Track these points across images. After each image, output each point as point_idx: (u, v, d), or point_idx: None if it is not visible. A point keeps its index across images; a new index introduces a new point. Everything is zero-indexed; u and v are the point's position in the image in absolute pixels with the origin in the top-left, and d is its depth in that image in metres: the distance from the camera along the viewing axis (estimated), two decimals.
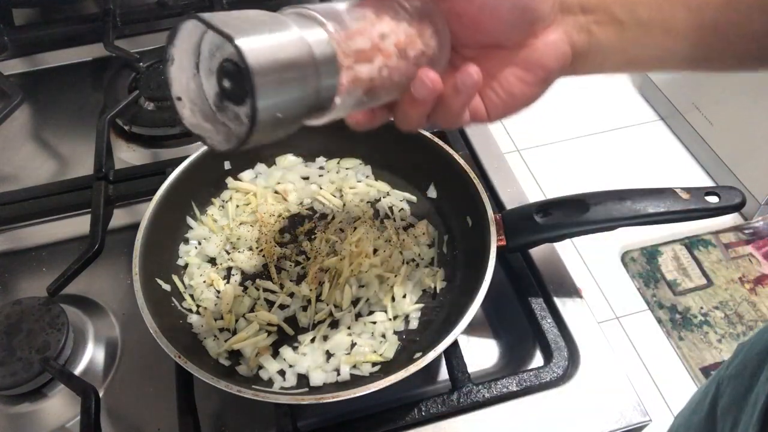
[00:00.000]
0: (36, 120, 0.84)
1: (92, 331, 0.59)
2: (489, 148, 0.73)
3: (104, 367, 0.58)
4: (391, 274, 0.60)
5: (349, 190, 0.68)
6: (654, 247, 1.75)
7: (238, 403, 0.54)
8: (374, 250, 0.62)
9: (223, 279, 0.60)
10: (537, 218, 0.56)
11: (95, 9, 0.95)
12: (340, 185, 0.68)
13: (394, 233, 0.63)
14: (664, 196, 0.54)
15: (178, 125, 0.77)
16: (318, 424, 0.52)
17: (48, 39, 0.92)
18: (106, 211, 0.65)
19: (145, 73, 0.81)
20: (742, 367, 0.62)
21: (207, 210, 0.66)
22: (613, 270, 1.72)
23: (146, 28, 0.93)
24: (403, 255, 0.62)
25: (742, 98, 1.75)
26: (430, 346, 0.49)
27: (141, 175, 0.70)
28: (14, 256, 0.67)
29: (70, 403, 0.55)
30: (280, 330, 0.57)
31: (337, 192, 0.68)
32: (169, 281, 0.59)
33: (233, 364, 0.54)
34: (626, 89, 2.27)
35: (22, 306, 0.56)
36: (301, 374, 0.54)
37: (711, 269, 1.70)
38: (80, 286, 0.61)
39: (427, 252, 0.63)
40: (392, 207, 0.67)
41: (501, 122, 2.34)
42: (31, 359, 0.53)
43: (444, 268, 0.62)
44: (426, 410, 0.51)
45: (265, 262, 0.62)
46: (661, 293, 1.65)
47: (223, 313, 0.57)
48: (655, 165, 2.00)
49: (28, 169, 0.77)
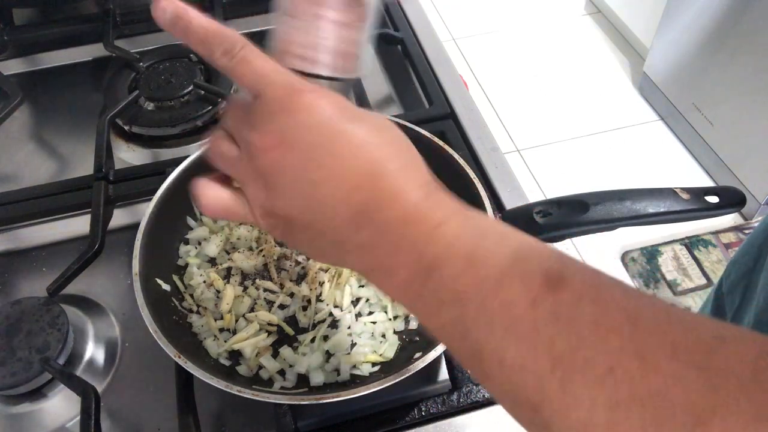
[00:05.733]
0: (36, 120, 0.84)
1: (92, 331, 0.59)
2: (489, 148, 0.74)
3: (104, 367, 0.58)
4: None
5: None
6: (654, 247, 1.75)
7: (238, 403, 0.54)
8: None
9: (223, 279, 0.60)
10: (537, 218, 0.56)
11: (95, 9, 0.95)
12: None
13: None
14: (664, 196, 0.54)
15: (179, 125, 0.77)
16: (318, 424, 0.52)
17: (48, 39, 0.92)
18: (106, 211, 0.65)
19: (145, 73, 0.81)
20: (749, 246, 0.67)
21: None
22: (613, 270, 1.72)
23: (146, 28, 0.93)
24: None
25: (742, 98, 1.75)
26: (430, 346, 0.49)
27: (141, 175, 0.70)
28: (14, 256, 0.67)
29: (70, 403, 0.55)
30: (280, 330, 0.57)
31: None
32: (169, 281, 0.59)
33: (233, 364, 0.54)
34: (626, 89, 2.27)
35: (22, 306, 0.56)
36: (301, 374, 0.54)
37: (711, 269, 1.70)
38: (80, 286, 0.61)
39: None
40: None
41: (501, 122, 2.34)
42: (31, 359, 0.53)
43: None
44: (426, 410, 0.51)
45: (265, 262, 0.62)
46: (661, 293, 1.65)
47: (223, 313, 0.57)
48: (655, 165, 2.00)
49: (28, 169, 0.77)
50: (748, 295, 0.71)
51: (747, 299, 0.72)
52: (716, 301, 0.81)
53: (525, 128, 2.12)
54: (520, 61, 2.38)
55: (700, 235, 1.77)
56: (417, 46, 0.86)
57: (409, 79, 0.85)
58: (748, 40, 1.68)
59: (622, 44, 2.43)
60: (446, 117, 0.76)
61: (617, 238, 1.78)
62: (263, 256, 0.62)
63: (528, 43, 2.47)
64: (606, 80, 2.30)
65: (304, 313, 0.58)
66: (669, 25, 1.98)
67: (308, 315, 0.58)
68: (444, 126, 0.74)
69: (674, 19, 1.95)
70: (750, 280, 0.71)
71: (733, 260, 0.77)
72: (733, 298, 0.75)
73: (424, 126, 0.64)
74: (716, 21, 1.77)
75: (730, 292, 0.76)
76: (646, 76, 2.17)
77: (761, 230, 0.71)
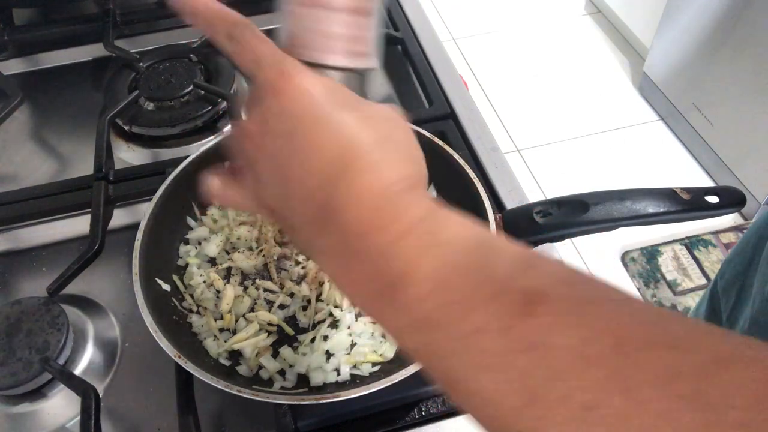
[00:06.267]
0: (36, 120, 0.84)
1: (92, 331, 0.59)
2: (489, 148, 0.73)
3: (104, 367, 0.58)
4: None
5: None
6: (654, 247, 1.75)
7: (238, 403, 0.54)
8: None
9: (223, 279, 0.60)
10: (537, 218, 0.56)
11: (95, 9, 0.95)
12: None
13: None
14: (664, 196, 0.54)
15: (179, 125, 0.77)
16: (318, 424, 0.52)
17: (48, 39, 0.92)
18: (106, 211, 0.65)
19: (145, 73, 0.81)
20: (743, 245, 0.66)
21: (207, 210, 0.66)
22: (613, 270, 1.72)
23: (146, 28, 0.93)
24: None
25: (742, 98, 1.75)
26: None
27: (141, 175, 0.70)
28: (14, 256, 0.67)
29: (70, 403, 0.55)
30: (280, 330, 0.57)
31: None
32: (169, 281, 0.59)
33: (233, 364, 0.54)
34: (626, 89, 2.27)
35: (22, 306, 0.56)
36: (301, 374, 0.54)
37: (711, 269, 1.70)
38: (80, 286, 0.61)
39: None
40: None
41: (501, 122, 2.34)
42: (31, 359, 0.53)
43: None
44: (426, 410, 0.51)
45: (265, 262, 0.62)
46: (661, 293, 1.65)
47: (223, 313, 0.57)
48: (655, 165, 2.00)
49: (28, 169, 0.77)
50: (743, 296, 0.71)
51: (742, 300, 0.71)
52: (711, 301, 0.81)
53: (525, 128, 2.12)
54: (520, 61, 2.38)
55: (700, 235, 1.77)
56: (417, 46, 0.86)
57: (409, 79, 0.85)
58: (748, 40, 1.68)
59: (622, 44, 2.43)
60: (446, 117, 0.76)
61: (617, 238, 1.78)
62: (263, 256, 0.62)
63: (528, 43, 2.47)
64: (606, 80, 2.30)
65: (304, 313, 0.58)
66: (669, 25, 1.98)
67: (308, 315, 0.58)
68: (444, 126, 0.74)
69: (674, 19, 1.95)
70: (744, 281, 0.71)
71: (727, 259, 0.76)
72: (728, 298, 0.75)
73: (424, 126, 0.64)
74: (716, 21, 1.77)
75: (725, 292, 0.76)
76: (646, 76, 2.17)
77: (755, 230, 0.71)
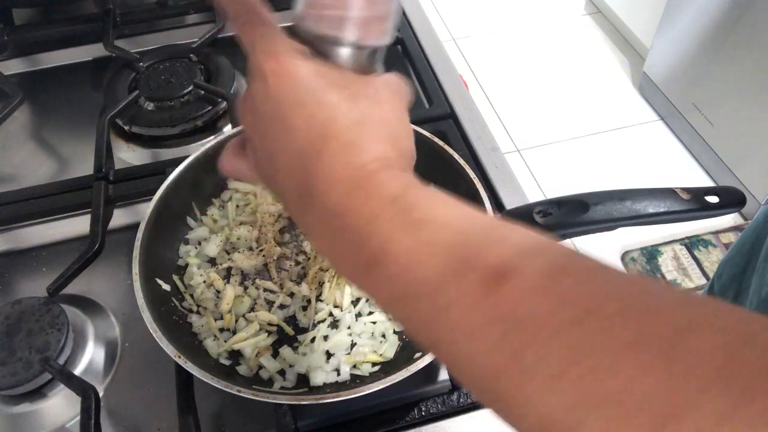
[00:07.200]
0: (36, 120, 0.84)
1: (92, 331, 0.59)
2: (489, 148, 0.74)
3: (104, 367, 0.58)
4: None
5: None
6: (654, 247, 1.75)
7: (238, 403, 0.54)
8: None
9: (223, 279, 0.60)
10: (537, 218, 0.56)
11: (95, 9, 0.95)
12: None
13: None
14: (664, 196, 0.54)
15: (179, 125, 0.77)
16: (318, 424, 0.52)
17: (48, 39, 0.92)
18: (106, 211, 0.65)
19: (145, 73, 0.81)
20: (740, 246, 0.66)
21: (207, 210, 0.66)
22: None
23: (146, 28, 0.93)
24: None
25: (742, 98, 1.75)
26: None
27: (141, 175, 0.70)
28: (14, 256, 0.67)
29: (70, 403, 0.55)
30: (280, 330, 0.57)
31: None
32: (169, 281, 0.59)
33: (233, 364, 0.54)
34: (626, 89, 2.27)
35: (22, 306, 0.56)
36: (301, 374, 0.54)
37: (711, 269, 1.70)
38: (80, 286, 0.61)
39: None
40: None
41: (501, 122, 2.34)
42: (31, 359, 0.53)
43: None
44: (426, 410, 0.51)
45: (265, 262, 0.62)
46: None
47: (223, 313, 0.57)
48: (655, 165, 2.00)
49: (28, 169, 0.77)
50: (741, 297, 0.71)
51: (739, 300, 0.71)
52: None
53: (525, 128, 2.12)
54: (520, 61, 2.38)
55: (700, 235, 1.77)
56: (417, 46, 0.86)
57: (409, 79, 0.85)
58: (748, 40, 1.68)
59: (622, 44, 2.43)
60: (446, 117, 0.76)
61: (617, 238, 1.78)
62: (263, 256, 0.62)
63: (528, 43, 2.47)
64: (606, 80, 2.30)
65: (304, 313, 0.58)
66: (669, 25, 1.98)
67: (308, 315, 0.58)
68: (444, 126, 0.74)
69: (674, 19, 1.95)
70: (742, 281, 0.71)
71: (724, 260, 0.76)
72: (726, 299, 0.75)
73: (424, 126, 0.64)
74: (716, 21, 1.77)
75: (723, 293, 0.76)
76: (646, 76, 2.17)
77: (752, 231, 0.70)
